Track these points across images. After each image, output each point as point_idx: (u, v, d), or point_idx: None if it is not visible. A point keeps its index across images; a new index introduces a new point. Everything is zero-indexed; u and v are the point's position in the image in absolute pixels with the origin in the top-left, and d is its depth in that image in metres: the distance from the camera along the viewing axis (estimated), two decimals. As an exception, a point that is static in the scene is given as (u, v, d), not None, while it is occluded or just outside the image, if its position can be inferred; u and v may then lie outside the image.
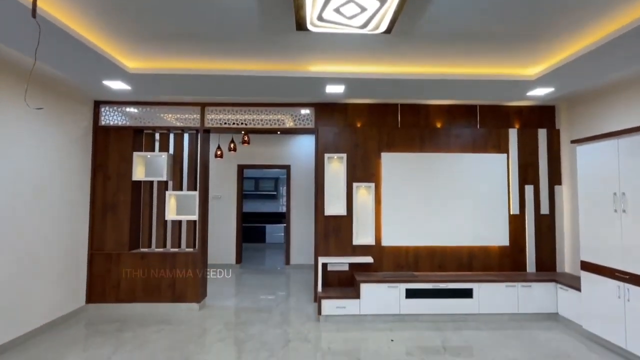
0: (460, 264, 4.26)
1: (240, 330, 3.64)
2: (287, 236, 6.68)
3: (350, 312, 3.82)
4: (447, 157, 4.28)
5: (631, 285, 2.93)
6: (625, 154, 3.02)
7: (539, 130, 4.37)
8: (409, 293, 3.86)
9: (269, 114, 4.41)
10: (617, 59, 2.75)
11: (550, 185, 4.34)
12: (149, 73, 3.17)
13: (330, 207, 4.26)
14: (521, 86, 3.47)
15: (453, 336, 3.50)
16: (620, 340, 3.03)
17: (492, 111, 4.43)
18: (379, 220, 4.24)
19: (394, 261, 4.25)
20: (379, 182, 4.27)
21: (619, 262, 3.06)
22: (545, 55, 2.93)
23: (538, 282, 3.90)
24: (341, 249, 4.23)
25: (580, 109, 4.12)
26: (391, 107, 4.41)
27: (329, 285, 4.21)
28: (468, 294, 3.88)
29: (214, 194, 6.47)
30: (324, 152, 4.29)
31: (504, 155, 4.32)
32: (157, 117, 4.35)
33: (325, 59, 3.02)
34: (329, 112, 4.40)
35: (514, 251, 4.27)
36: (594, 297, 3.32)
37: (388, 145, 4.31)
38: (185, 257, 4.23)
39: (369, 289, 3.84)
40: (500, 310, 3.87)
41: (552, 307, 3.88)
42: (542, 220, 4.30)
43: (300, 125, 4.43)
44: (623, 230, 3.03)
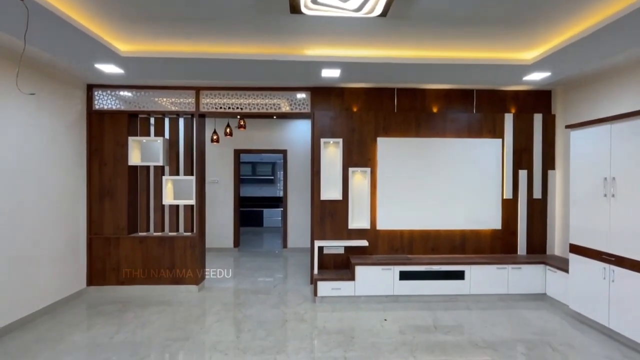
0: (453, 246, 4.36)
1: (238, 311, 3.75)
2: (284, 220, 6.76)
3: (345, 294, 3.94)
4: (442, 142, 4.30)
5: (616, 266, 3.04)
6: (617, 139, 3.05)
7: (535, 115, 4.38)
8: (403, 275, 3.97)
9: (265, 98, 4.38)
10: (613, 43, 2.74)
11: (544, 170, 4.39)
12: (142, 56, 3.12)
13: (327, 192, 4.31)
14: (518, 71, 3.45)
15: (444, 315, 3.63)
16: (604, 319, 3.16)
17: (489, 96, 4.42)
18: (374, 204, 4.30)
19: (388, 244, 4.34)
20: (374, 167, 4.31)
21: (605, 245, 3.15)
22: (542, 39, 2.91)
23: (528, 264, 4.02)
24: (337, 232, 4.31)
25: (576, 94, 4.12)
26: (388, 92, 4.39)
27: (325, 267, 4.31)
28: (460, 276, 3.99)
29: (211, 179, 6.50)
30: (320, 137, 4.29)
31: (499, 140, 4.34)
32: (152, 102, 4.31)
33: (321, 43, 2.99)
34: (325, 96, 4.38)
35: (506, 234, 4.37)
36: (580, 279, 3.44)
37: (384, 130, 4.32)
38: (184, 241, 4.30)
39: (363, 271, 3.94)
40: (490, 291, 4.00)
41: (540, 287, 4.01)
42: (534, 205, 4.38)
43: (297, 110, 4.41)
44: (611, 214, 3.10)
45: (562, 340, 3.10)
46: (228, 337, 3.17)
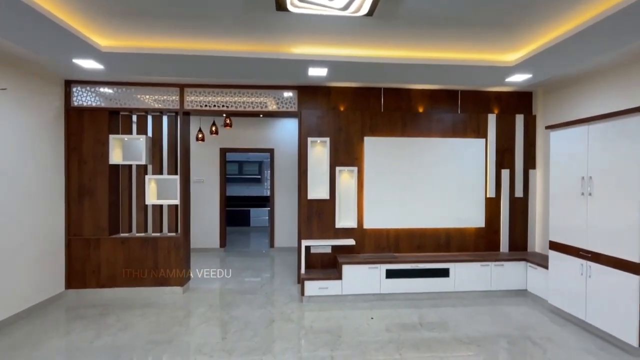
0: (438, 244, 4.43)
1: (224, 312, 3.70)
2: (272, 219, 6.72)
3: (332, 293, 3.94)
4: (428, 142, 4.36)
5: (593, 262, 3.15)
6: (594, 139, 3.16)
7: (517, 116, 4.50)
8: (389, 273, 4.00)
9: (252, 97, 4.32)
10: (593, 46, 2.83)
11: (525, 170, 4.51)
12: (124, 52, 3.03)
13: (314, 191, 4.30)
14: (500, 72, 3.53)
15: (429, 313, 3.69)
16: (581, 313, 3.27)
17: (473, 96, 4.51)
18: (361, 203, 4.32)
19: (375, 243, 4.37)
20: (361, 166, 4.32)
21: (583, 242, 3.27)
22: (524, 41, 2.98)
23: (510, 262, 4.12)
24: (324, 232, 4.31)
25: (556, 95, 4.25)
26: (374, 91, 4.41)
27: (312, 267, 4.30)
28: (445, 274, 4.06)
29: (196, 178, 6.39)
30: (307, 136, 4.27)
31: (483, 140, 4.43)
32: (134, 98, 4.19)
33: (308, 41, 2.97)
34: (312, 95, 4.36)
35: (489, 232, 4.47)
36: (559, 275, 3.55)
37: (371, 130, 4.34)
38: (168, 242, 4.21)
39: (350, 270, 3.96)
40: (474, 288, 4.08)
41: (522, 284, 4.12)
42: (516, 203, 4.49)
43: (283, 109, 4.38)
44: (588, 212, 3.21)
45: (542, 334, 3.20)
46: (213, 338, 3.12)
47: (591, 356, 2.82)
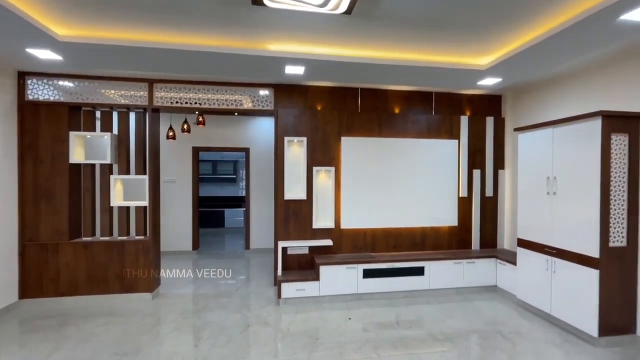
0: (413, 243, 4.50)
1: (197, 318, 3.55)
2: (247, 220, 6.56)
3: (309, 294, 3.89)
4: (404, 142, 4.42)
5: (557, 258, 3.31)
6: (558, 141, 3.33)
7: (487, 118, 4.66)
8: (366, 273, 4.01)
9: (226, 94, 4.18)
10: (557, 53, 2.98)
11: (495, 170, 4.69)
12: (85, 42, 2.82)
13: (290, 191, 4.23)
14: (473, 75, 3.63)
15: (406, 311, 3.73)
16: (546, 307, 3.44)
17: (446, 98, 4.62)
18: (338, 203, 4.31)
19: (352, 243, 4.37)
20: (338, 166, 4.31)
21: (548, 239, 3.43)
22: (496, 46, 3.08)
23: (481, 259, 4.26)
24: (301, 232, 4.25)
25: (523, 99, 4.45)
26: (351, 91, 4.41)
27: (289, 268, 4.23)
28: (420, 272, 4.13)
29: (167, 178, 6.11)
30: (283, 135, 4.20)
31: (456, 141, 4.56)
32: (98, 93, 3.92)
33: (285, 38, 2.90)
34: (288, 93, 4.29)
35: (462, 231, 4.60)
36: (526, 270, 3.71)
37: (348, 129, 4.33)
38: (135, 245, 3.97)
39: (328, 271, 3.93)
40: (448, 285, 4.19)
41: (492, 280, 4.28)
42: (486, 202, 4.66)
43: (259, 107, 4.27)
44: (553, 211, 3.38)
45: (511, 328, 3.32)
46: (185, 346, 2.97)
47: (556, 348, 2.96)
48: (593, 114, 2.93)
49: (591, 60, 3.28)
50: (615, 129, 2.93)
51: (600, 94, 3.38)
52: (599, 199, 2.90)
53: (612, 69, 3.25)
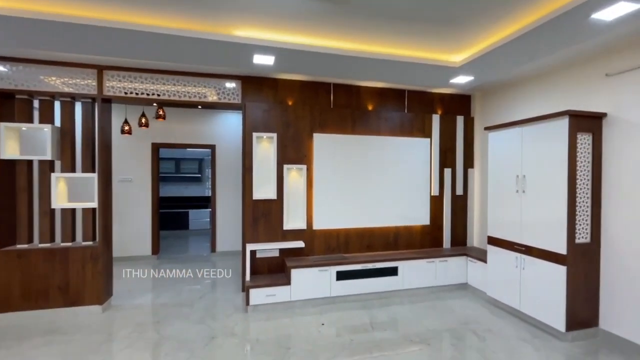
0: (387, 243, 4.43)
1: (154, 331, 3.20)
2: (213, 222, 6.18)
3: (280, 300, 3.67)
4: (377, 140, 4.32)
5: (526, 255, 3.37)
6: (526, 141, 3.38)
7: (458, 117, 4.70)
8: (340, 275, 3.87)
9: (189, 86, 3.83)
10: (532, 50, 3.00)
11: (465, 169, 4.74)
12: (17, 17, 2.39)
13: (259, 191, 3.97)
14: (447, 72, 3.60)
15: (380, 313, 3.63)
16: (516, 303, 3.48)
17: (419, 97, 4.60)
18: (310, 203, 4.12)
19: (325, 244, 4.21)
20: (310, 164, 4.12)
21: (517, 236, 3.48)
22: (471, 42, 3.05)
23: (453, 257, 4.28)
24: (271, 234, 4.01)
25: (491, 99, 4.53)
26: (324, 86, 4.24)
27: (258, 272, 3.98)
28: (394, 272, 4.05)
29: (122, 177, 5.59)
30: (252, 131, 3.93)
31: (428, 139, 4.55)
32: (36, 80, 3.42)
33: (254, 23, 2.66)
34: (257, 86, 4.03)
35: (434, 229, 4.60)
36: (497, 268, 3.76)
37: (320, 126, 4.16)
38: (82, 252, 3.52)
39: (300, 274, 3.73)
40: (421, 285, 4.15)
41: (463, 278, 4.31)
42: (457, 201, 4.70)
43: (225, 100, 3.97)
44: (522, 208, 3.43)
45: (483, 326, 3.33)
46: (139, 366, 2.64)
47: (527, 344, 2.98)
48: (560, 114, 2.98)
49: (555, 62, 3.36)
50: (580, 129, 3.01)
51: (562, 95, 3.48)
52: (567, 197, 2.96)
53: (574, 71, 3.35)
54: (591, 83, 3.20)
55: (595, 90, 3.16)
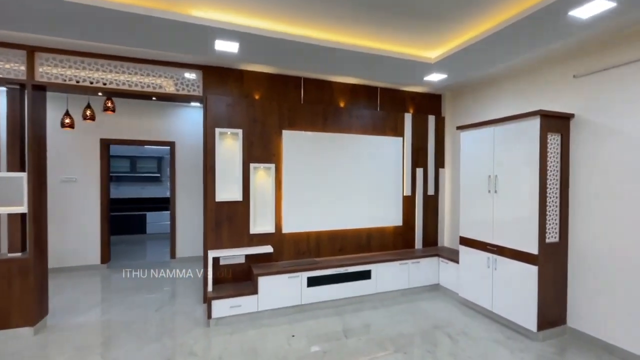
0: (359, 245, 4.27)
1: (98, 355, 2.76)
2: (173, 225, 5.68)
3: (247, 310, 3.37)
4: (349, 139, 4.15)
5: (498, 256, 3.35)
6: (498, 140, 3.36)
7: (429, 117, 4.66)
8: (311, 281, 3.64)
9: (141, 75, 3.40)
10: (509, 46, 2.95)
11: (436, 168, 4.71)
12: None
13: (223, 192, 3.63)
14: (422, 68, 3.50)
15: (353, 319, 3.45)
16: (488, 304, 3.47)
17: (391, 95, 4.49)
18: (279, 205, 3.85)
19: (295, 248, 3.95)
20: (279, 163, 3.84)
21: (489, 237, 3.46)
22: (446, 38, 2.95)
23: (425, 258, 4.21)
24: (236, 239, 3.69)
25: (462, 99, 4.53)
26: (294, 80, 3.98)
27: (222, 281, 3.64)
28: (367, 276, 3.90)
29: (65, 177, 4.95)
30: (215, 126, 3.58)
31: (400, 138, 4.45)
32: (-55, 59, 2.83)
33: (215, 3, 2.35)
34: (221, 78, 3.68)
35: (406, 230, 4.52)
36: (469, 268, 3.73)
37: (290, 123, 3.90)
38: (7, 265, 2.99)
39: (268, 281, 3.45)
40: (394, 287, 4.04)
41: (434, 279, 4.26)
42: (428, 201, 4.66)
43: (184, 92, 3.58)
44: (494, 209, 3.41)
45: (457, 329, 3.26)
46: (76, 401, 2.23)
47: (501, 346, 2.94)
48: (532, 113, 2.98)
49: (525, 63, 3.38)
50: (550, 129, 3.02)
51: (532, 95, 3.52)
52: (538, 197, 2.96)
53: (544, 72, 3.39)
54: (559, 84, 3.24)
55: (564, 91, 3.20)
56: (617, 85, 2.77)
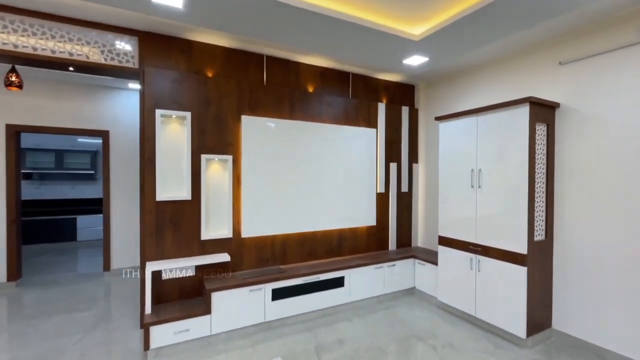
0: (330, 248, 3.80)
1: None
2: (107, 230, 4.75)
3: (197, 335, 2.72)
4: (319, 128, 3.66)
5: (482, 256, 3.08)
6: (483, 131, 3.10)
7: (403, 108, 4.34)
8: (276, 294, 3.09)
9: (52, 37, 2.60)
10: (496, 24, 2.66)
11: (410, 164, 4.41)
12: None
13: (167, 189, 2.94)
14: (403, 47, 3.12)
15: (326, 334, 2.97)
16: (471, 309, 3.19)
17: (364, 82, 4.09)
18: (238, 204, 3.24)
19: (257, 255, 3.37)
20: (238, 155, 3.24)
21: (472, 236, 3.19)
22: (435, 9, 2.58)
23: (400, 260, 3.87)
24: (184, 247, 3.01)
25: (436, 89, 4.27)
26: (255, 58, 3.40)
27: (166, 300, 2.94)
28: (340, 283, 3.45)
29: (-48, 172, 3.85)
30: (155, 107, 2.87)
31: (374, 130, 4.07)
32: None
33: None
34: (163, 47, 2.98)
35: (379, 230, 4.15)
36: (449, 270, 3.44)
37: (251, 107, 3.31)
38: None
39: (223, 297, 2.83)
40: (369, 294, 3.64)
41: (410, 282, 3.94)
42: (402, 198, 4.34)
43: (114, 62, 2.83)
44: (478, 205, 3.14)
45: (442, 340, 2.92)
46: None
47: (491, 357, 2.65)
48: (521, 101, 2.73)
49: (508, 49, 3.17)
50: (538, 119, 2.80)
51: (514, 85, 3.31)
52: (527, 191, 2.72)
53: (527, 59, 3.20)
54: (544, 72, 3.06)
55: (549, 79, 3.02)
56: (606, 72, 2.62)
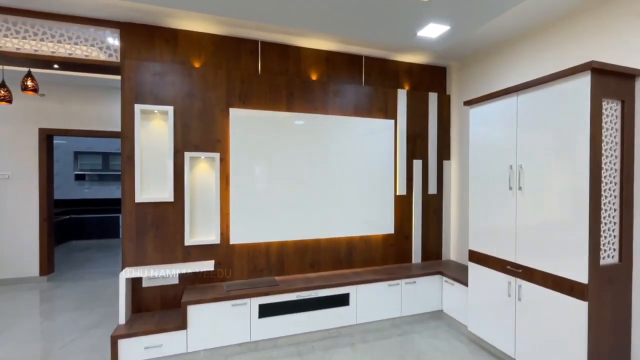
0: (337, 260, 3.30)
1: None
2: (129, 231, 4.84)
3: (171, 352, 2.46)
4: (323, 120, 3.19)
5: (523, 281, 2.33)
6: (525, 115, 2.34)
7: (430, 94, 3.65)
8: (264, 310, 2.70)
9: (35, 35, 2.56)
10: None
11: (439, 160, 3.70)
12: None
13: (148, 190, 2.74)
14: (414, 13, 2.51)
15: (319, 366, 2.50)
16: (509, 348, 2.44)
17: (380, 66, 3.51)
18: (226, 207, 2.92)
19: (250, 264, 3.02)
20: (226, 152, 2.92)
21: (511, 253, 2.44)
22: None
23: (424, 277, 3.21)
24: (166, 252, 2.78)
25: (470, 72, 3.51)
26: (248, 45, 3.06)
27: (147, 309, 2.74)
28: (343, 301, 2.93)
29: None
30: (134, 102, 2.69)
31: (392, 121, 3.46)
32: None
33: None
34: (145, 38, 2.80)
35: (399, 239, 3.53)
36: (481, 294, 2.71)
37: (242, 99, 2.98)
38: None
39: (201, 311, 2.53)
40: (381, 316, 3.06)
41: (437, 304, 3.26)
42: (429, 202, 3.65)
43: (99, 58, 2.71)
44: (518, 213, 2.39)
45: (465, 387, 2.26)
46: None
47: (531, 423, 1.93)
48: (579, 68, 1.95)
49: (542, 20, 2.37)
50: (606, 93, 1.99)
51: (574, 51, 2.48)
52: (588, 195, 1.93)
53: (592, 15, 2.36)
54: (618, 29, 2.20)
55: (625, 39, 2.16)
56: None
